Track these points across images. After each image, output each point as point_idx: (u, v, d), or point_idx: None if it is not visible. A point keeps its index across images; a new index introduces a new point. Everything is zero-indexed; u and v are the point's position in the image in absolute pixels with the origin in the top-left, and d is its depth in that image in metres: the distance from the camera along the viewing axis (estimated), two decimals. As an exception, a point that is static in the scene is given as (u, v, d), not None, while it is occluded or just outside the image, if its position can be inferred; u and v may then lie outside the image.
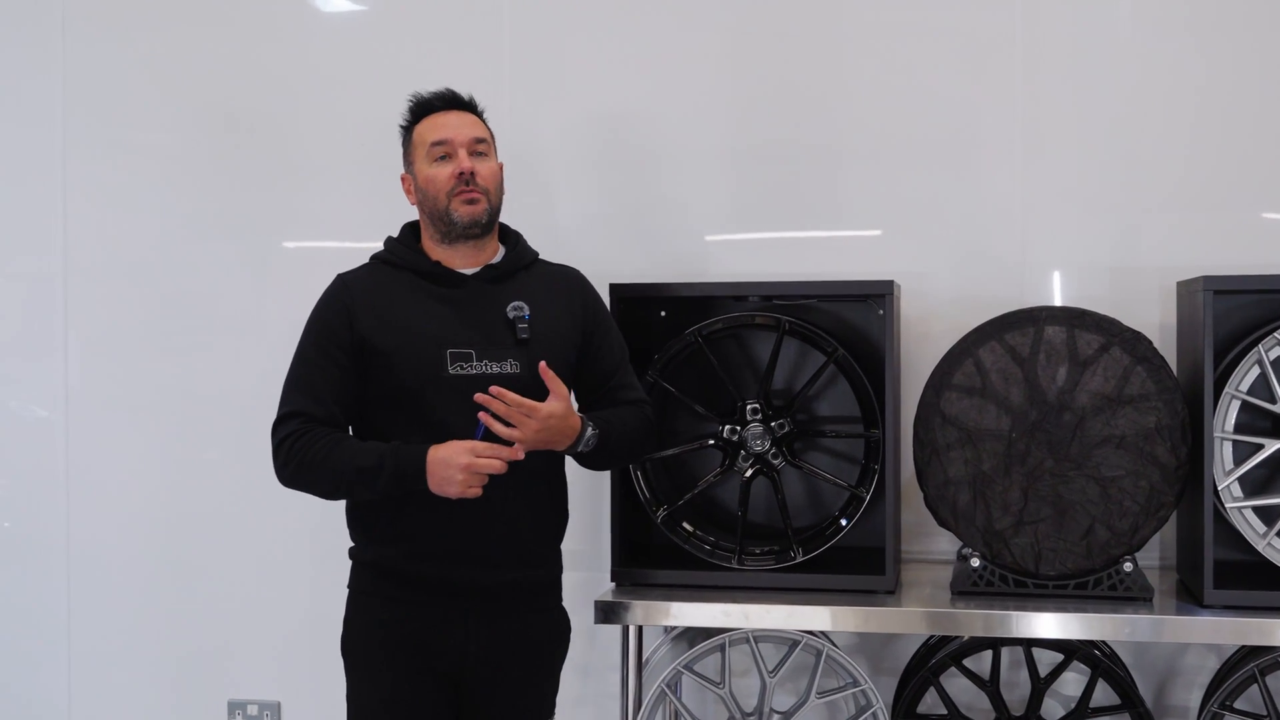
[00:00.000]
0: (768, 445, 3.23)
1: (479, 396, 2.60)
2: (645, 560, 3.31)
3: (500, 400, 2.60)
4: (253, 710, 3.81)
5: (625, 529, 3.25)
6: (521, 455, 2.64)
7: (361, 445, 2.68)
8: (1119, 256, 3.44)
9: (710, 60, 3.62)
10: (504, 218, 2.78)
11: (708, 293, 3.30)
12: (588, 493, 3.52)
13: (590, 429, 2.72)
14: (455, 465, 2.59)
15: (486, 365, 2.71)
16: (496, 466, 2.60)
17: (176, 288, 3.87)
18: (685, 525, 3.28)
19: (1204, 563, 2.97)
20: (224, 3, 3.84)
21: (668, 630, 3.47)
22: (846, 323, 3.37)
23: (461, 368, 2.69)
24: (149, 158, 3.88)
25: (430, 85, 2.88)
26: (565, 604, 2.92)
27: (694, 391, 3.29)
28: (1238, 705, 3.01)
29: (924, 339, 3.44)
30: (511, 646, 2.78)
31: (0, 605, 3.96)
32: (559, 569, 2.90)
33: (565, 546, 3.50)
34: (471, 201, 2.76)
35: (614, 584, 3.23)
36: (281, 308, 3.55)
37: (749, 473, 3.25)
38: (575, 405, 2.85)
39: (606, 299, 3.20)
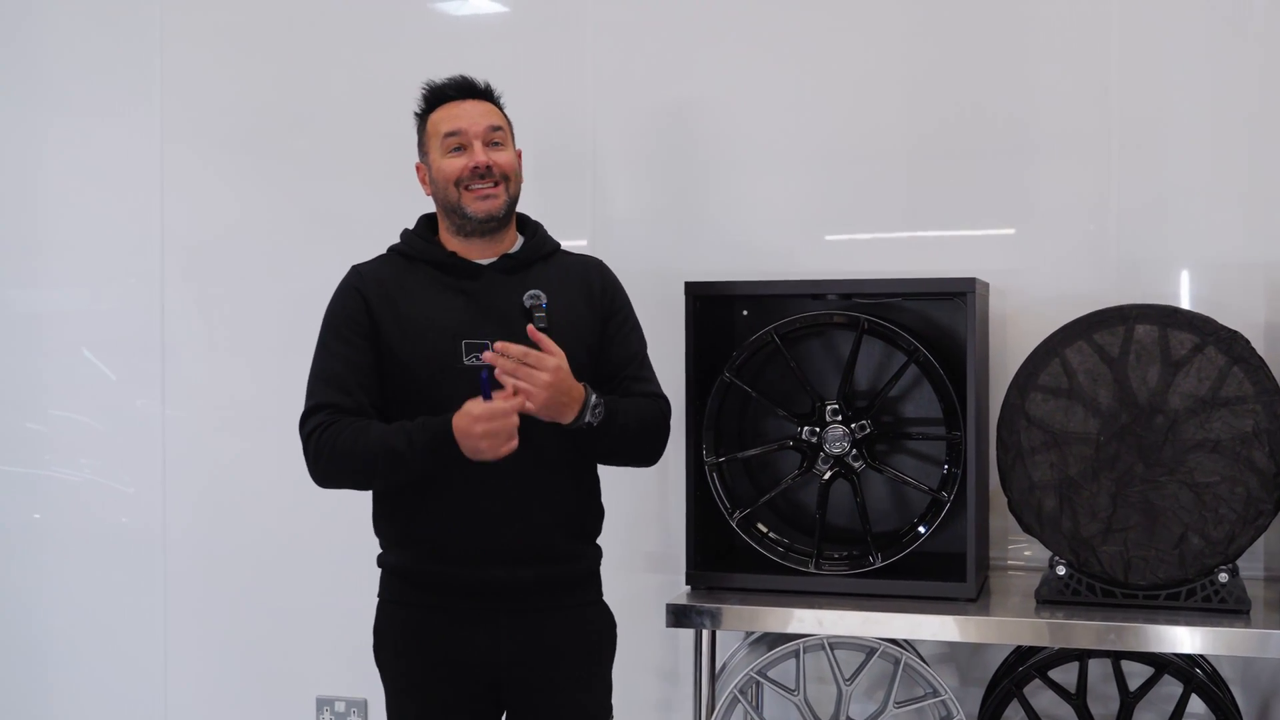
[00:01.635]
0: (847, 447, 3.15)
1: (486, 355, 2.53)
2: (721, 563, 3.25)
3: (505, 357, 2.52)
4: (340, 707, 3.84)
5: (701, 531, 3.20)
6: (528, 405, 2.53)
7: (387, 427, 2.62)
8: (1221, 252, 3.28)
9: (798, 56, 3.55)
10: (583, 211, 2.72)
11: (784, 291, 3.23)
12: (664, 494, 3.50)
13: (594, 396, 2.62)
14: (474, 436, 2.51)
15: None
16: (510, 416, 2.51)
17: (275, 290, 3.91)
18: (760, 527, 3.21)
19: (1304, 574, 2.82)
20: (326, 9, 3.88)
21: (746, 635, 3.41)
22: (934, 322, 3.28)
23: (477, 359, 2.62)
24: (247, 161, 3.94)
25: (515, 80, 2.83)
26: (641, 606, 2.86)
27: (775, 392, 3.22)
28: (1342, 725, 2.86)
29: (1021, 338, 3.31)
30: (546, 647, 2.71)
31: (101, 601, 4.06)
32: (592, 563, 2.82)
33: (642, 548, 3.49)
34: (487, 197, 2.70)
35: (689, 587, 3.18)
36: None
37: (828, 475, 3.17)
38: None
39: (681, 297, 3.17)
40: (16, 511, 4.13)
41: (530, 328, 2.58)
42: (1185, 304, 3.27)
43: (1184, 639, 2.82)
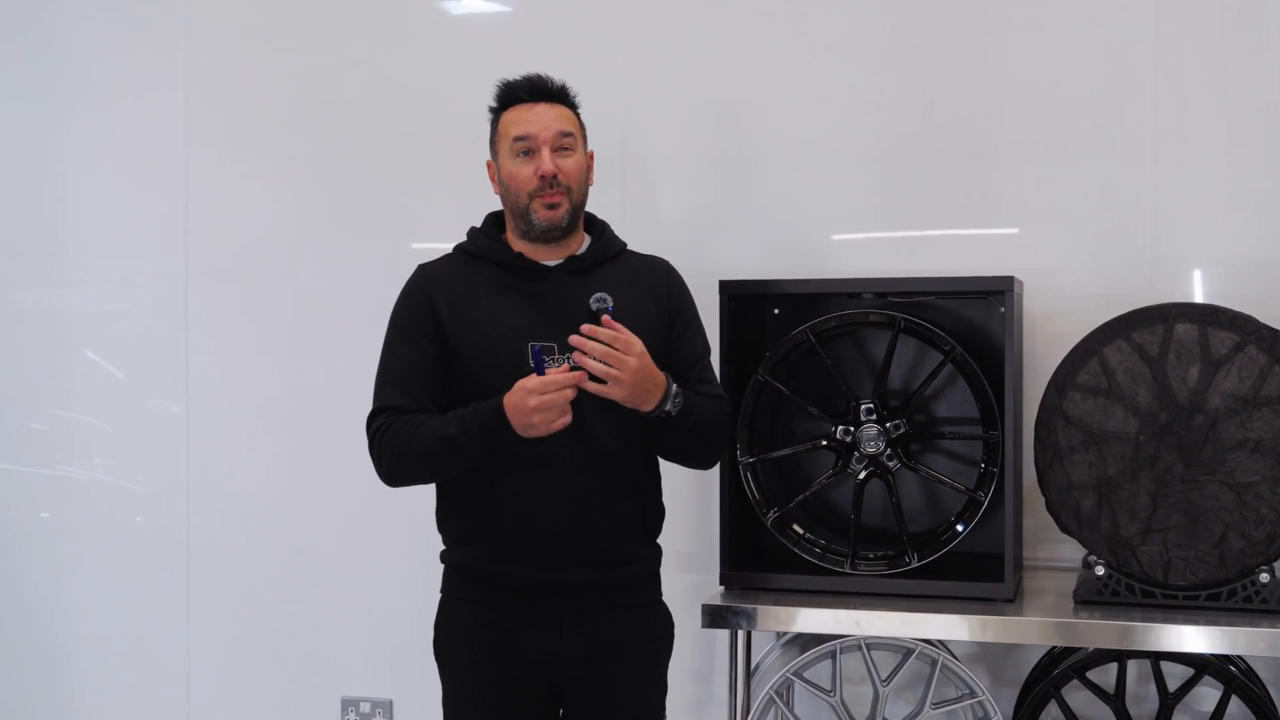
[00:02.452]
0: (882, 447, 3.13)
1: (573, 339, 2.54)
2: (756, 564, 3.23)
3: (595, 339, 2.53)
4: (365, 708, 3.82)
5: (735, 531, 3.18)
6: (586, 380, 2.54)
7: (441, 418, 2.63)
8: (1261, 251, 3.27)
9: (830, 54, 3.53)
10: (612, 211, 2.72)
11: (819, 289, 3.22)
12: (697, 494, 3.47)
13: (674, 385, 2.63)
14: (526, 409, 2.52)
15: (569, 359, 2.62)
16: (565, 389, 2.52)
17: (298, 289, 3.89)
18: (796, 528, 3.19)
19: (1346, 575, 2.80)
20: (348, 7, 3.86)
21: (779, 635, 3.39)
22: (968, 321, 3.26)
23: (538, 348, 2.61)
24: (271, 160, 3.92)
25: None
26: (675, 607, 2.86)
27: (809, 391, 3.20)
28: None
29: (1052, 338, 3.29)
30: (606, 647, 2.70)
31: (123, 602, 4.03)
32: (653, 563, 2.81)
33: (675, 548, 3.46)
34: (552, 206, 2.69)
35: (723, 587, 3.16)
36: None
37: (862, 475, 3.15)
38: None
39: (715, 296, 3.15)
40: (34, 511, 4.11)
41: (605, 318, 2.57)
42: (1221, 302, 3.25)
43: (1224, 640, 2.80)
